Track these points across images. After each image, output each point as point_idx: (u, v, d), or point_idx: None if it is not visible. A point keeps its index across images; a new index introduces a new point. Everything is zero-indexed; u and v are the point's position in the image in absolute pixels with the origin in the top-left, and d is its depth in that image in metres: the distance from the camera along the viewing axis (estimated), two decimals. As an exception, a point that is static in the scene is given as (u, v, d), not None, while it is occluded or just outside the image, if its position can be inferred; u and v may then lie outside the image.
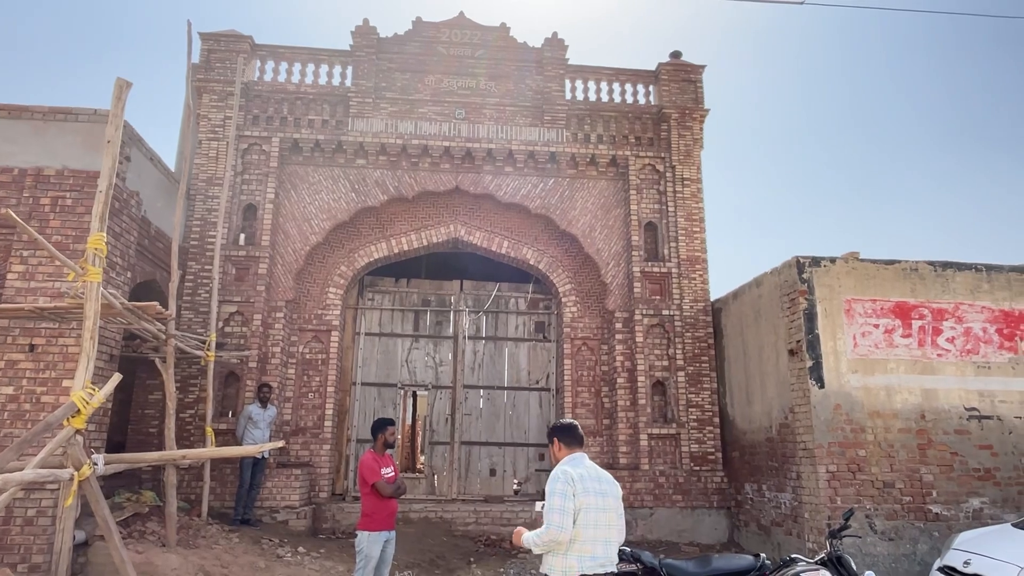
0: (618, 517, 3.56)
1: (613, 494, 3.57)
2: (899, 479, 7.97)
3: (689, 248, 11.09)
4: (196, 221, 10.26)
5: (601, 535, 3.42)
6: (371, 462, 5.38)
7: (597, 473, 3.60)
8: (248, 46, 10.98)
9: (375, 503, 5.36)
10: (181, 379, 9.68)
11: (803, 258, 8.52)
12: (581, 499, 3.41)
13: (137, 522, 7.63)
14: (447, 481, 11.14)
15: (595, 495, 3.45)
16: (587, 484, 3.46)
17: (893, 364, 8.34)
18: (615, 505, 3.55)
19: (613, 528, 3.50)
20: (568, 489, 3.41)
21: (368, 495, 5.36)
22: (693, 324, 10.82)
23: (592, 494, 3.45)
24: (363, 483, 5.38)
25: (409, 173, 11.13)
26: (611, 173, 11.54)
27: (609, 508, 3.50)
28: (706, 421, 10.48)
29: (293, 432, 10.33)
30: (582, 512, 3.40)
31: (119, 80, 6.12)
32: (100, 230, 5.98)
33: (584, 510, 3.40)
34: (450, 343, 11.78)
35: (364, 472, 5.34)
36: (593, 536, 3.40)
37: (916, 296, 8.59)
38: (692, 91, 11.77)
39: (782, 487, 8.74)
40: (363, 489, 5.39)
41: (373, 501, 5.35)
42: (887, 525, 7.78)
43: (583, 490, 3.43)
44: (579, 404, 11.05)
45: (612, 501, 3.54)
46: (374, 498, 5.35)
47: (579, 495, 3.41)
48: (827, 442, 7.96)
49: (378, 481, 5.34)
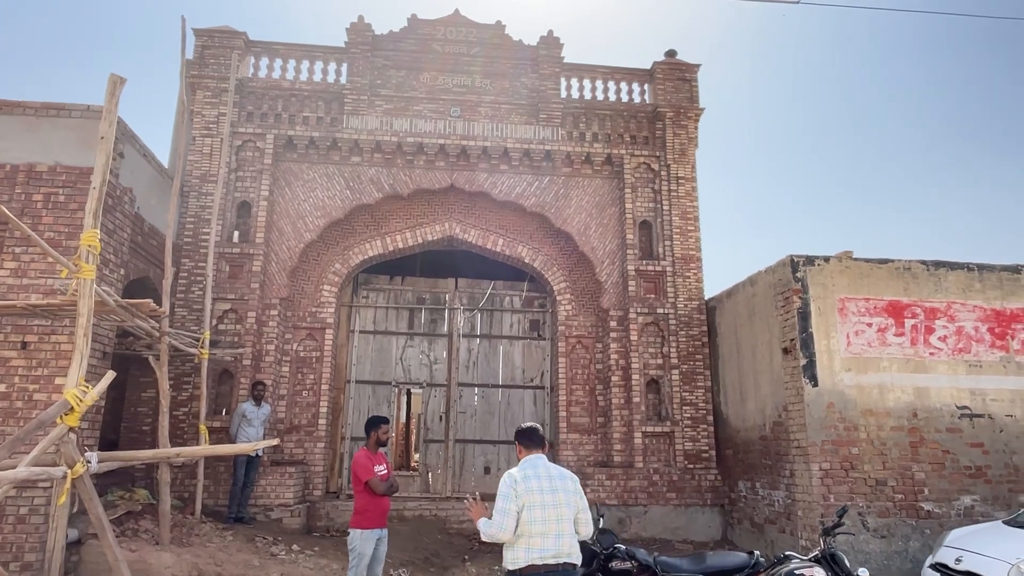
0: (571, 511, 3.74)
1: (565, 490, 3.76)
2: (891, 477, 8.02)
3: (684, 247, 11.12)
4: (190, 218, 10.20)
5: (551, 529, 3.63)
6: (364, 460, 5.37)
7: (548, 472, 3.81)
8: (242, 42, 10.93)
9: (368, 501, 5.35)
10: (174, 377, 9.63)
11: (797, 257, 8.56)
12: (524, 498, 3.66)
13: (130, 520, 7.59)
14: (442, 479, 11.14)
15: (539, 493, 3.68)
16: (530, 484, 3.70)
17: (886, 363, 8.39)
18: (567, 500, 3.74)
19: (564, 522, 3.69)
20: (510, 492, 3.69)
21: (361, 493, 5.35)
22: (687, 323, 10.85)
23: (536, 492, 3.68)
24: (356, 481, 5.37)
25: (404, 171, 11.11)
26: (606, 171, 11.55)
27: (559, 504, 3.70)
28: (700, 419, 10.52)
29: (287, 430, 10.30)
30: (526, 509, 3.65)
31: (113, 76, 6.08)
32: (94, 227, 5.94)
33: (528, 507, 3.65)
34: (445, 341, 11.78)
35: (357, 470, 5.33)
36: (542, 531, 3.62)
37: (909, 295, 8.64)
38: (687, 90, 11.80)
39: (775, 485, 8.78)
40: (356, 487, 5.38)
41: (366, 499, 5.35)
42: (879, 522, 7.84)
43: (526, 490, 3.68)
44: (574, 402, 11.07)
45: (563, 497, 3.73)
46: (367, 496, 5.35)
47: (521, 495, 3.66)
48: (820, 440, 8.01)
49: (371, 479, 5.33)
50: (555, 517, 3.67)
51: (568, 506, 3.74)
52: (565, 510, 3.72)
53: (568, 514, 3.73)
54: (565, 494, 3.76)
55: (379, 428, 5.60)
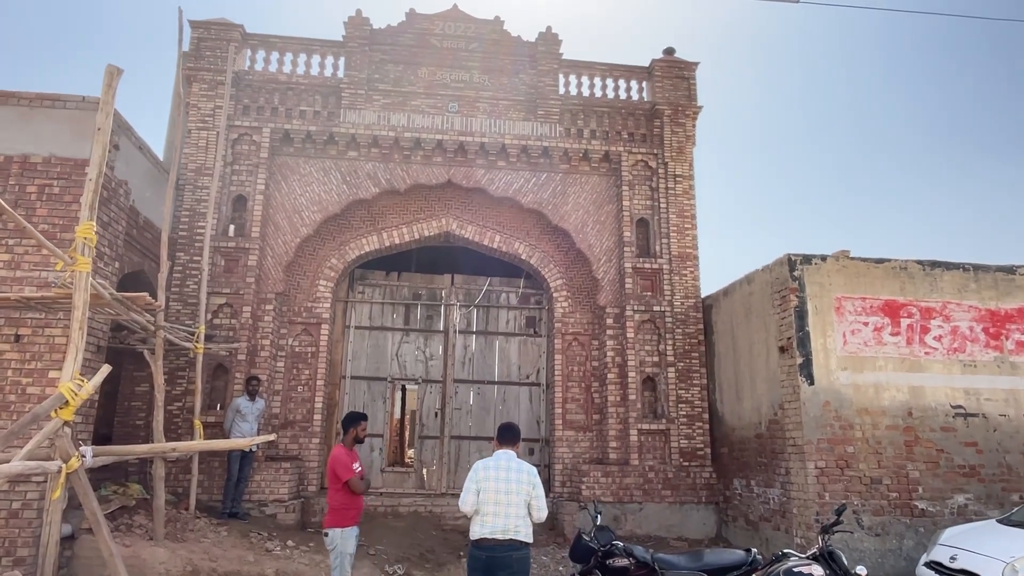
0: (522, 497, 4.47)
1: (518, 480, 4.51)
2: (886, 475, 8.06)
3: (681, 245, 11.12)
4: (185, 211, 10.13)
5: (501, 510, 4.39)
6: (344, 457, 5.30)
7: (508, 465, 4.57)
8: (239, 35, 10.85)
9: (347, 499, 5.29)
10: (169, 371, 9.56)
11: (794, 256, 8.57)
12: (482, 483, 4.48)
13: (124, 515, 7.55)
14: (437, 475, 11.11)
15: (495, 481, 4.47)
16: (488, 472, 4.52)
17: (882, 362, 8.42)
18: (518, 488, 4.48)
19: (513, 506, 4.43)
20: (473, 476, 4.56)
21: (339, 491, 5.27)
22: (684, 320, 10.85)
23: (492, 480, 4.47)
24: (334, 479, 5.27)
25: (401, 166, 11.06)
26: (604, 169, 11.53)
27: (511, 491, 4.45)
28: (696, 417, 10.53)
29: (282, 425, 10.25)
30: (481, 492, 4.46)
31: (110, 67, 5.99)
32: (90, 219, 5.86)
33: (483, 491, 4.45)
34: (441, 337, 11.74)
35: (337, 467, 5.25)
36: (493, 511, 4.40)
37: (905, 294, 8.67)
38: (685, 88, 11.79)
39: (771, 483, 8.80)
40: (334, 484, 5.29)
41: (344, 497, 5.28)
42: (874, 521, 7.87)
43: (484, 476, 4.50)
44: (569, 399, 11.07)
45: (515, 486, 4.48)
46: (345, 494, 5.28)
47: (480, 480, 4.49)
48: (816, 439, 8.03)
49: (352, 478, 5.26)
50: (505, 501, 4.41)
51: (519, 493, 4.45)
52: (515, 496, 4.43)
53: (518, 500, 4.44)
54: (517, 484, 4.47)
55: (359, 425, 5.54)
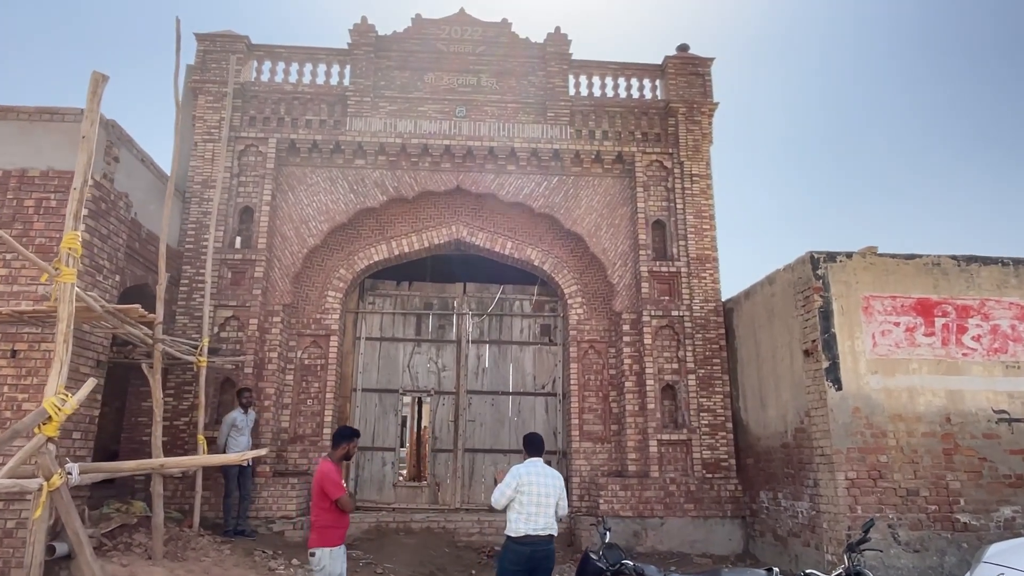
0: (555, 499, 5.24)
1: (552, 485, 5.27)
2: (924, 486, 7.50)
3: (699, 246, 10.68)
4: (191, 224, 10.04)
5: (542, 511, 5.13)
6: (333, 474, 5.01)
7: (542, 471, 5.31)
8: (244, 46, 10.79)
9: (334, 518, 5.00)
10: (176, 386, 9.46)
11: (817, 253, 8.11)
12: (524, 487, 5.14)
13: (124, 533, 7.36)
14: (450, 490, 10.79)
15: (537, 484, 5.17)
16: (530, 477, 5.21)
17: (915, 364, 7.88)
18: (552, 492, 5.25)
19: (549, 507, 5.19)
20: (514, 477, 5.19)
21: (326, 510, 4.98)
22: (704, 325, 10.40)
23: (535, 484, 5.16)
24: (321, 496, 4.97)
25: (409, 173, 10.86)
26: (617, 170, 11.18)
27: (548, 494, 5.21)
28: (718, 426, 10.05)
29: (291, 440, 10.05)
30: (525, 494, 5.14)
31: (95, 74, 5.89)
32: (75, 228, 5.75)
33: (527, 493, 5.14)
34: (453, 347, 11.46)
35: (326, 485, 4.96)
36: (535, 512, 5.11)
37: (939, 292, 8.13)
38: (700, 84, 11.39)
39: (799, 495, 8.29)
40: (320, 503, 4.99)
41: (333, 516, 4.99)
42: (912, 536, 7.32)
43: (527, 481, 5.17)
44: (586, 409, 10.67)
45: (551, 489, 5.24)
46: (333, 513, 4.99)
47: (523, 485, 5.15)
48: (846, 447, 7.52)
49: (342, 496, 4.97)
50: (544, 503, 5.16)
51: (552, 496, 5.24)
52: (551, 499, 5.23)
53: (552, 501, 5.22)
54: (552, 488, 5.26)
55: (353, 441, 5.27)
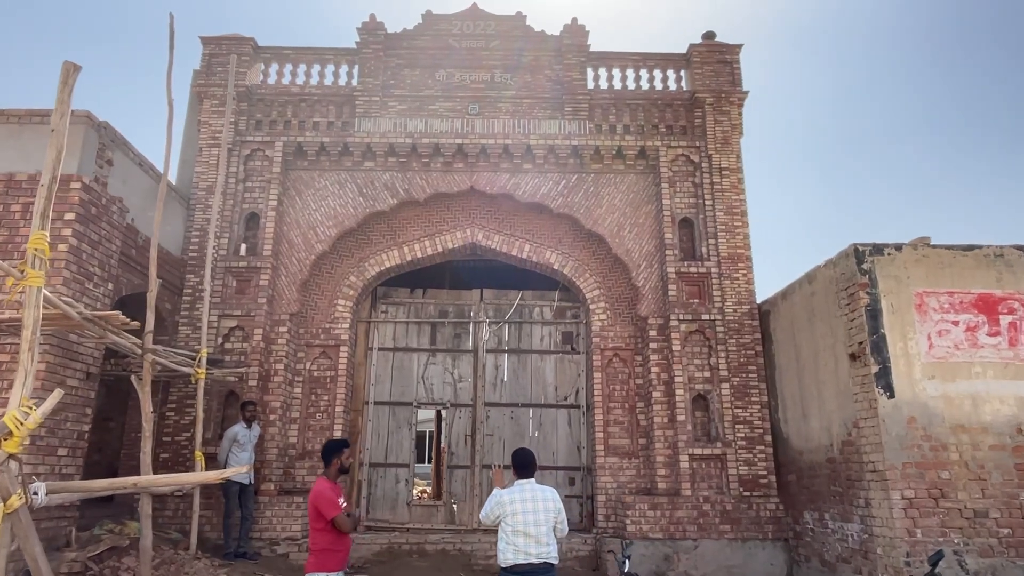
0: (549, 521, 4.61)
1: (544, 510, 4.61)
2: (994, 507, 6.58)
3: (730, 245, 9.91)
4: (195, 231, 9.70)
5: (532, 540, 4.47)
6: (329, 493, 4.47)
7: (533, 495, 4.65)
8: (251, 48, 10.48)
9: (333, 539, 4.44)
10: (178, 399, 9.07)
11: (862, 246, 7.30)
12: (508, 518, 4.56)
13: (112, 557, 6.90)
14: (467, 509, 10.13)
15: (523, 513, 4.54)
16: (515, 506, 4.59)
17: (979, 368, 6.99)
18: (545, 519, 4.59)
19: (543, 534, 4.54)
20: (497, 506, 4.64)
21: (323, 531, 4.44)
22: (737, 329, 9.59)
23: (520, 513, 4.54)
24: (317, 517, 4.44)
25: (420, 174, 10.36)
26: (640, 166, 10.50)
27: (540, 522, 4.55)
28: (756, 439, 9.21)
29: (299, 456, 9.55)
30: (510, 525, 4.54)
31: (67, 63, 5.47)
32: (42, 228, 5.31)
33: (511, 524, 4.53)
34: (470, 357, 10.85)
35: (321, 504, 4.41)
36: (524, 541, 4.47)
37: (1003, 287, 7.23)
38: (728, 73, 10.67)
39: (848, 516, 7.43)
40: (316, 524, 4.46)
41: (330, 537, 4.44)
42: (982, 564, 6.40)
43: (512, 511, 4.58)
44: (612, 422, 9.94)
45: (543, 516, 4.59)
46: (331, 534, 4.44)
47: (508, 515, 4.57)
48: (901, 462, 6.66)
49: (338, 516, 4.41)
50: (535, 532, 4.49)
51: (547, 523, 4.58)
52: (544, 526, 4.55)
53: (547, 527, 4.57)
54: (545, 513, 4.59)
55: (343, 453, 4.71)
